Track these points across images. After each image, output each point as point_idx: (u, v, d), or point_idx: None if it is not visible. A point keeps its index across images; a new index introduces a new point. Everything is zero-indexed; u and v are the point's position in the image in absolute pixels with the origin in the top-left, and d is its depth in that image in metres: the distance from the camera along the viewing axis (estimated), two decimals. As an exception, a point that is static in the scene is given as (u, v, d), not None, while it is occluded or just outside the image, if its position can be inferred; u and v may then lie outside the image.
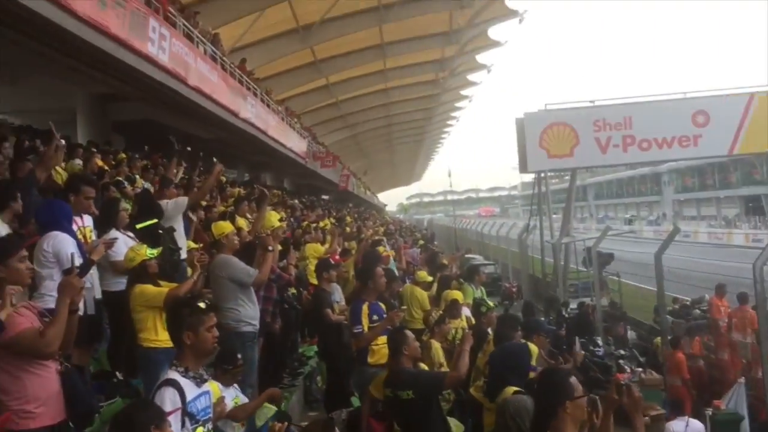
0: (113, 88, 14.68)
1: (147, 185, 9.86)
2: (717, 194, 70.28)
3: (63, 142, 6.80)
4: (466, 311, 8.20)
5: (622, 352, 13.05)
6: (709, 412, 8.61)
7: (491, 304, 7.88)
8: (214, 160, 8.47)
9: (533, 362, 5.24)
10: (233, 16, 21.45)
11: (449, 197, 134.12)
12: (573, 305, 15.18)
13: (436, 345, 6.71)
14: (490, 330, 6.68)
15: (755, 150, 21.40)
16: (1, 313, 3.39)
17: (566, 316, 14.14)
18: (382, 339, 5.59)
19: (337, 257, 9.70)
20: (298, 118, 28.85)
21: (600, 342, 12.64)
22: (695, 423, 7.46)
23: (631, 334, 14.80)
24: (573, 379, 3.15)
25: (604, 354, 12.22)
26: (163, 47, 12.05)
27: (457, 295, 8.76)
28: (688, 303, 15.90)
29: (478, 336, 6.26)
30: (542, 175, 21.37)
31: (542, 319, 14.03)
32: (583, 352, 9.41)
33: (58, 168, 7.64)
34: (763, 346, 9.21)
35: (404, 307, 7.68)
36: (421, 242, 19.64)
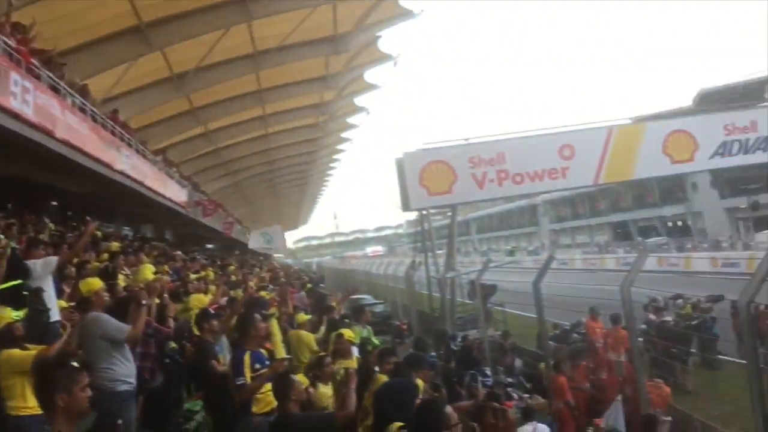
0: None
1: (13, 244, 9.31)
2: (589, 222, 74.50)
3: None
4: (355, 351, 8.21)
5: (510, 380, 13.41)
6: (590, 430, 8.99)
7: (377, 341, 7.93)
8: (88, 218, 8.15)
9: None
10: (103, 66, 20.90)
11: (337, 239, 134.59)
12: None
13: (322, 389, 6.62)
14: (377, 368, 6.70)
15: (618, 179, 23.03)
16: None
17: (455, 349, 14.42)
18: (267, 386, 5.50)
19: (216, 306, 9.49)
20: (176, 168, 28.23)
21: (489, 372, 12.94)
22: (543, 427, 7.72)
23: (517, 362, 15.24)
24: (448, 409, 3.24)
25: (494, 383, 12.52)
26: (26, 101, 11.55)
27: (347, 333, 8.71)
28: (567, 327, 16.60)
29: (364, 375, 6.27)
30: (424, 212, 21.88)
31: (432, 353, 14.29)
32: (484, 389, 9.65)
33: None
34: (635, 363, 9.80)
35: (288, 356, 7.58)
36: (309, 285, 19.49)
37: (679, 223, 62.55)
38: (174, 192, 24.47)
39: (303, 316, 9.91)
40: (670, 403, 10.45)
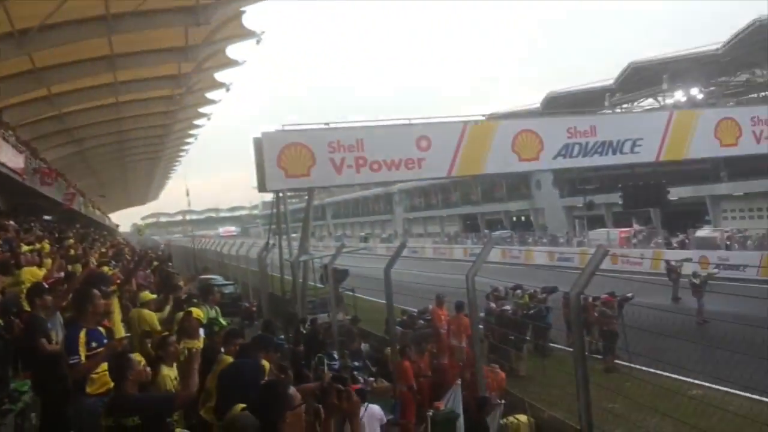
0: None
1: None
2: (441, 213, 77.18)
3: None
4: (201, 332, 7.98)
5: (356, 363, 13.62)
6: (430, 413, 9.33)
7: (224, 323, 7.78)
8: None
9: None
10: (-70, 13, 18.87)
11: (188, 217, 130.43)
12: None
13: (166, 371, 6.36)
14: (222, 349, 6.57)
15: (469, 173, 23.95)
16: None
17: (304, 332, 14.46)
18: (104, 366, 5.22)
19: (51, 280, 8.90)
20: (13, 131, 26.10)
21: (336, 356, 13.08)
22: (374, 408, 7.96)
23: (365, 346, 15.51)
24: (292, 390, 3.23)
25: (340, 367, 12.66)
26: None
27: (196, 312, 8.46)
28: (414, 314, 17.11)
29: (209, 356, 6.12)
30: (281, 194, 21.67)
31: (281, 336, 14.24)
32: (330, 372, 9.70)
33: None
34: (475, 348, 10.26)
35: (128, 334, 7.26)
36: (156, 263, 18.76)
37: (523, 218, 66.23)
38: (8, 157, 22.61)
39: (148, 295, 9.51)
40: (504, 388, 11.07)
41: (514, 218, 67.08)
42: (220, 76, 38.40)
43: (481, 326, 12.78)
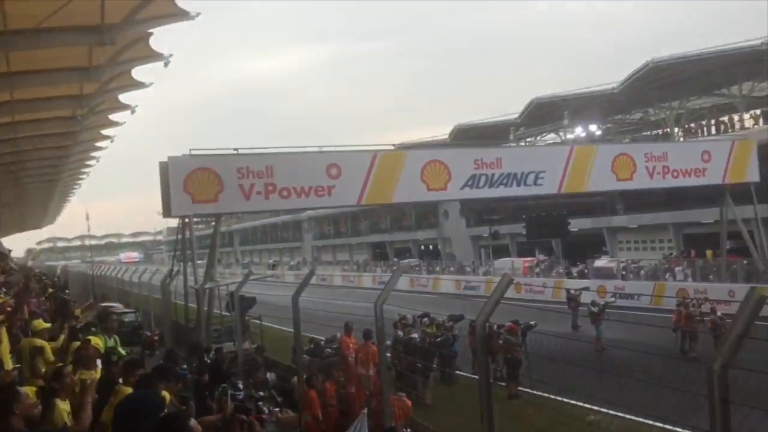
0: None
1: None
2: (350, 241, 77.34)
3: None
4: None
5: (261, 393, 13.34)
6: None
7: (123, 352, 7.48)
8: None
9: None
10: None
11: (87, 242, 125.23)
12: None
13: (61, 405, 6.00)
14: (121, 380, 6.30)
15: (378, 201, 24.15)
16: None
17: (208, 362, 14.05)
18: (-13, 400, 4.90)
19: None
20: None
21: (241, 386, 12.77)
22: None
23: (271, 376, 15.23)
24: (193, 422, 3.13)
25: (245, 397, 12.37)
26: None
27: (94, 340, 8.09)
28: (321, 342, 16.96)
29: (107, 387, 5.86)
30: (186, 220, 21.16)
31: (184, 365, 13.78)
32: (232, 403, 9.44)
33: None
34: (383, 376, 10.25)
35: (17, 366, 6.85)
36: (51, 290, 17.87)
37: (431, 247, 67.17)
38: None
39: (41, 323, 9.03)
40: (410, 416, 11.10)
41: (423, 247, 67.95)
42: (125, 98, 37.24)
43: (388, 354, 12.79)
